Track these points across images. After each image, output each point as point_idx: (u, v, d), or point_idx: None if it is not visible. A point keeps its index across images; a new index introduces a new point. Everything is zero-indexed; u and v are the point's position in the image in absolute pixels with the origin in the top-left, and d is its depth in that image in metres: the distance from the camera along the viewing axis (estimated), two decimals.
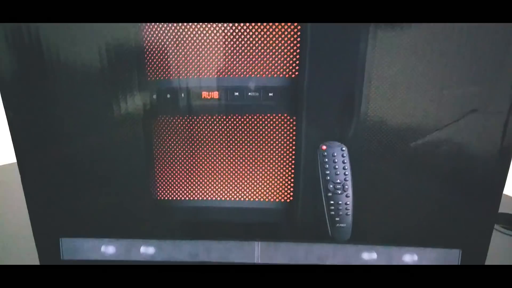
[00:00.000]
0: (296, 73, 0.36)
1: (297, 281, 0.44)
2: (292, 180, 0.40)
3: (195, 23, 0.35)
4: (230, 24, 0.35)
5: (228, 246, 0.43)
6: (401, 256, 0.42)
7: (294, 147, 0.39)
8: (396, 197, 0.40)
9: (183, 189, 0.41)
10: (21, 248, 0.63)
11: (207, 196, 0.41)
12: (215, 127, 0.38)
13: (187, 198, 0.41)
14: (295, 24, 0.34)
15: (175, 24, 0.35)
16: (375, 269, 0.42)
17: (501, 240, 0.63)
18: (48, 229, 0.42)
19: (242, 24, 0.35)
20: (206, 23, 0.35)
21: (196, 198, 0.41)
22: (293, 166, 0.39)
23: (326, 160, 0.39)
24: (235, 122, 0.38)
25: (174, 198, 0.41)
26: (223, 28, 0.35)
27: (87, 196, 0.41)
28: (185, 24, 0.35)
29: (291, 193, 0.40)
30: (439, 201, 0.40)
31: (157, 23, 0.35)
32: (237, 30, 0.35)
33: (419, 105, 0.36)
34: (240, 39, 0.35)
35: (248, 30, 0.35)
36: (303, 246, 0.43)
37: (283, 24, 0.34)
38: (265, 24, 0.35)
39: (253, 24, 0.35)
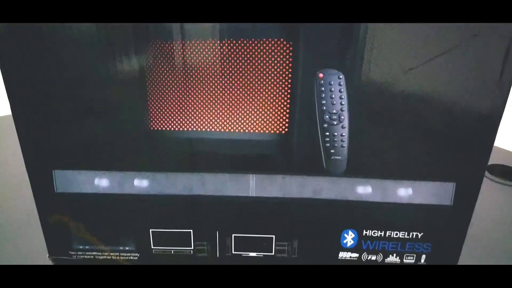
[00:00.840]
0: None
1: (291, 214, 0.44)
2: (288, 110, 0.39)
3: None
4: None
5: (223, 179, 0.43)
6: (396, 190, 0.42)
7: (290, 75, 0.38)
8: (392, 130, 0.40)
9: (176, 119, 0.40)
10: (17, 196, 0.63)
11: (201, 127, 0.40)
12: (209, 53, 0.37)
13: (180, 129, 0.41)
14: None
15: None
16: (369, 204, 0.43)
17: (493, 189, 0.64)
18: (41, 162, 0.42)
19: None
20: None
21: (189, 128, 0.41)
22: (288, 96, 0.39)
23: (323, 89, 0.38)
24: (229, 47, 0.37)
25: (168, 128, 0.41)
26: None
27: (80, 127, 0.40)
28: None
29: (286, 124, 0.40)
30: (434, 134, 0.40)
31: None
32: None
33: (419, 30, 0.35)
34: None
35: None
36: (298, 179, 0.42)
37: None
38: None
39: None
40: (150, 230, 0.45)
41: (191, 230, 0.45)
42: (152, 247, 0.46)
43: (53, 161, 0.42)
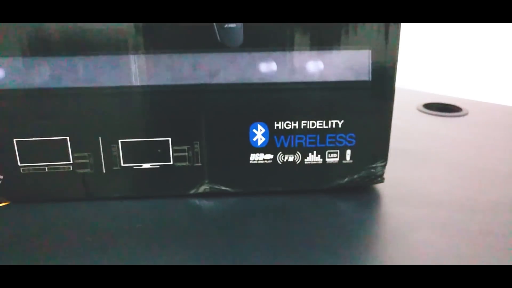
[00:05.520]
0: None
1: (186, 108, 0.37)
2: None
3: None
4: None
5: (99, 64, 0.35)
6: (305, 65, 0.36)
7: None
8: None
9: None
10: None
11: None
12: None
13: None
14: None
15: None
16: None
17: (431, 119, 0.63)
18: None
19: None
20: None
21: None
22: None
23: None
24: None
25: None
26: None
27: None
28: None
29: None
30: None
31: None
32: None
33: None
34: None
35: None
36: (189, 58, 0.36)
37: None
38: None
39: None
40: (14, 140, 0.37)
41: (67, 137, 0.37)
42: (19, 164, 0.37)
43: None
